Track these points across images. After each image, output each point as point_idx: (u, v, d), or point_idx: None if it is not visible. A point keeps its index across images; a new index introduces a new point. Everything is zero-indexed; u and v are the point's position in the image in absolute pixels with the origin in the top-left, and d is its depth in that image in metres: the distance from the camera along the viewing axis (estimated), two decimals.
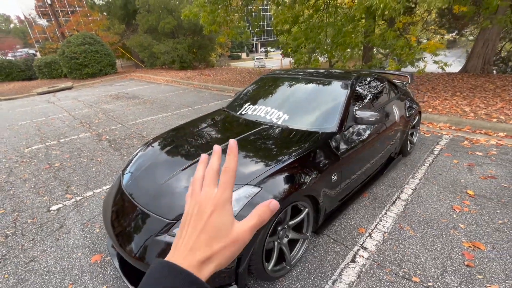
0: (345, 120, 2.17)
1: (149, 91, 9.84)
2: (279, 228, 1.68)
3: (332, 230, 2.19)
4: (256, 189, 1.54)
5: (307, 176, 1.74)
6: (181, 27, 14.76)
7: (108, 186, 3.11)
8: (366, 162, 2.43)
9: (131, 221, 1.63)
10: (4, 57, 22.02)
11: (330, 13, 8.10)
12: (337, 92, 2.39)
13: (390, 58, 7.20)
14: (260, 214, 0.37)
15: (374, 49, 10.51)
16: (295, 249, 1.85)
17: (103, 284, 1.81)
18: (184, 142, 2.26)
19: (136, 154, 2.25)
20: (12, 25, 65.47)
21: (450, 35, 15.27)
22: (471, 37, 12.65)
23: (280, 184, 1.63)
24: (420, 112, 3.54)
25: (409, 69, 7.05)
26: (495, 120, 4.42)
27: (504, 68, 11.88)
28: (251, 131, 2.20)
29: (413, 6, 9.90)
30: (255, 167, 1.73)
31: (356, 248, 2.00)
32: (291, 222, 1.73)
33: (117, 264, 1.64)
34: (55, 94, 11.12)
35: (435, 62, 6.95)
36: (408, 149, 3.43)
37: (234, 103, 2.97)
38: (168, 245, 1.42)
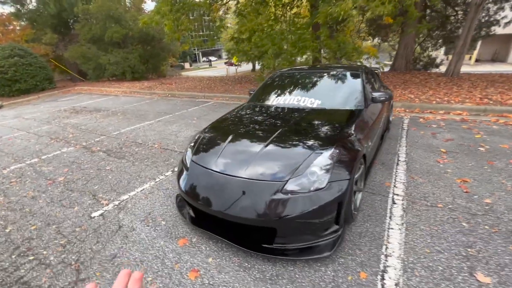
0: (367, 99, 2.79)
1: (110, 103, 9.22)
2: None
3: (366, 187, 2.76)
4: (336, 150, 1.98)
5: (363, 140, 2.27)
6: (129, 37, 14.07)
7: (140, 188, 3.11)
8: (377, 131, 3.09)
9: (239, 192, 1.87)
10: None
11: (288, 22, 9.05)
12: (354, 80, 3.01)
13: (341, 58, 8.40)
14: None
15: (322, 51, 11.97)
16: (356, 199, 2.34)
17: (207, 257, 1.99)
18: (242, 128, 2.55)
19: (197, 141, 2.46)
20: None
21: (375, 40, 18.31)
22: (392, 43, 15.39)
23: (352, 145, 2.11)
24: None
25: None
26: (434, 102, 5.75)
27: (415, 66, 14.68)
28: (299, 113, 2.64)
29: (365, 13, 11.61)
30: (328, 132, 2.22)
31: (391, 195, 2.60)
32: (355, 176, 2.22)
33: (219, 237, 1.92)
34: None
35: (377, 63, 8.46)
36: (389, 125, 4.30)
37: (258, 98, 3.34)
38: (284, 200, 1.75)
